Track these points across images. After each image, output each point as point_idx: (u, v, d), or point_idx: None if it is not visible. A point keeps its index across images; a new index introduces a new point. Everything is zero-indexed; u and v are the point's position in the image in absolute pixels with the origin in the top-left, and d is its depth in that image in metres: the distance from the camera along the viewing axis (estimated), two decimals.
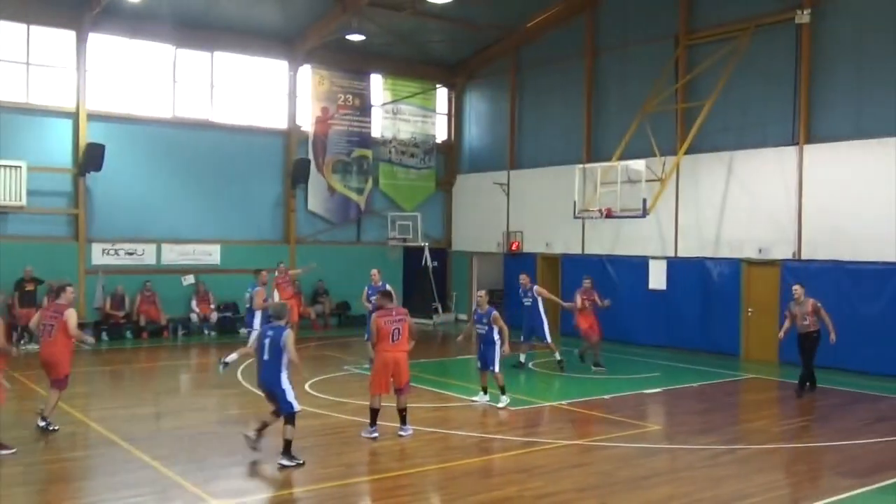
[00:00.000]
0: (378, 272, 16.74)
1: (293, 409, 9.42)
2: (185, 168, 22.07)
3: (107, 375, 16.64)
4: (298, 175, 23.31)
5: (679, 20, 20.26)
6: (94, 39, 20.65)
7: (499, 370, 12.65)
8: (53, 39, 20.29)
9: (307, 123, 24.02)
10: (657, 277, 20.26)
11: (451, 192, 27.04)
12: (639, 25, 21.46)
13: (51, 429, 10.81)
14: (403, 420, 10.80)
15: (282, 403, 9.44)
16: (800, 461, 10.07)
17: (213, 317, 21.72)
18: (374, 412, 10.60)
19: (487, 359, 12.74)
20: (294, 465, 9.25)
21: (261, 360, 9.60)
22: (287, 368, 9.49)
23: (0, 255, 18.91)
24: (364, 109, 24.88)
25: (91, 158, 19.99)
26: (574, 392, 14.58)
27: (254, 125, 23.26)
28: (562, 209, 21.00)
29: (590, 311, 16.74)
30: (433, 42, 24.68)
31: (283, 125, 23.72)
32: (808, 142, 17.73)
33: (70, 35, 20.35)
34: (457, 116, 27.08)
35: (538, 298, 16.52)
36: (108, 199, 20.88)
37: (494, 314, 12.67)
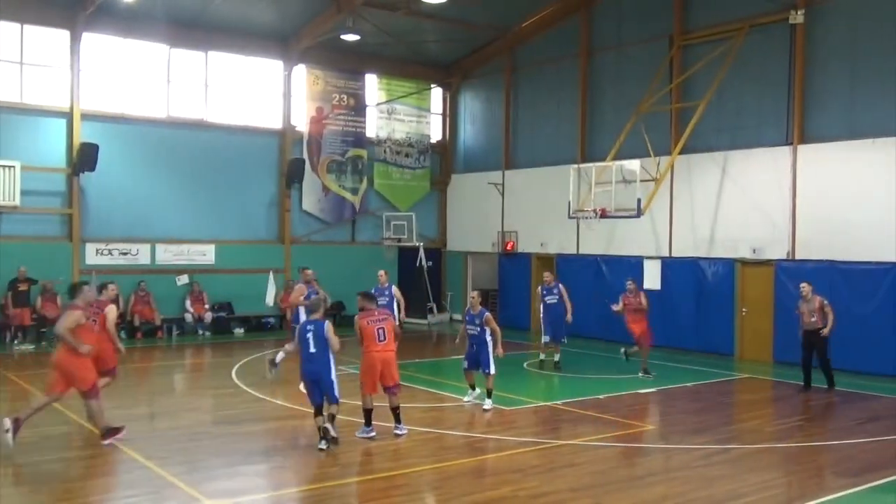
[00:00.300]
0: (385, 273, 16.73)
1: (339, 401, 10.27)
2: (180, 168, 22.04)
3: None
4: (293, 175, 23.30)
5: (673, 20, 20.30)
6: (88, 39, 20.60)
7: (493, 372, 12.57)
8: (47, 39, 20.25)
9: (302, 123, 24.01)
10: (652, 277, 20.27)
11: (446, 192, 27.05)
12: (633, 26, 21.50)
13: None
14: (397, 419, 10.81)
15: (331, 394, 10.12)
16: (793, 461, 10.09)
17: (208, 317, 21.70)
18: (368, 412, 10.62)
19: (480, 360, 12.61)
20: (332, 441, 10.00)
21: (307, 354, 10.12)
22: (334, 359, 10.12)
23: None
24: (359, 109, 24.87)
25: (85, 158, 19.95)
26: (568, 392, 14.59)
27: (248, 125, 23.24)
28: (556, 209, 21.03)
29: (640, 317, 15.82)
30: (428, 42, 24.69)
31: (278, 125, 23.70)
32: (802, 142, 17.78)
33: (64, 35, 20.32)
34: (451, 116, 27.09)
35: (564, 296, 16.39)
36: (103, 199, 20.85)
37: (487, 315, 12.60)
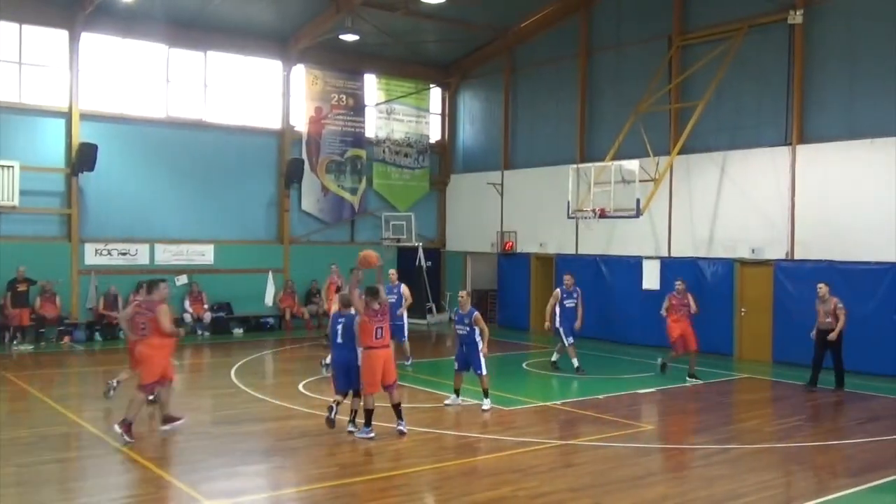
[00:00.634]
0: (395, 272, 16.79)
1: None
2: (179, 168, 22.02)
3: (100, 376, 16.56)
4: (292, 175, 23.29)
5: (673, 20, 20.31)
6: (87, 39, 20.59)
7: (485, 372, 12.51)
8: (46, 39, 20.23)
9: (301, 123, 24.00)
10: (651, 277, 20.28)
11: (445, 192, 27.04)
12: (632, 26, 21.50)
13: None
14: (400, 415, 10.82)
15: (356, 380, 10.87)
16: (793, 461, 10.09)
17: (207, 317, 21.68)
18: (370, 412, 10.61)
19: (471, 361, 12.50)
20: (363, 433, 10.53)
21: (335, 343, 11.06)
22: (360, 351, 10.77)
23: None
24: (358, 109, 24.86)
25: (84, 158, 19.94)
26: (568, 392, 14.62)
27: (247, 125, 23.23)
28: (556, 209, 21.03)
29: (683, 318, 15.40)
30: (427, 42, 24.68)
31: (277, 125, 23.69)
32: (801, 142, 17.79)
33: (63, 34, 20.31)
34: (451, 116, 27.08)
35: (580, 300, 16.34)
36: (101, 200, 20.84)
37: (476, 315, 12.47)
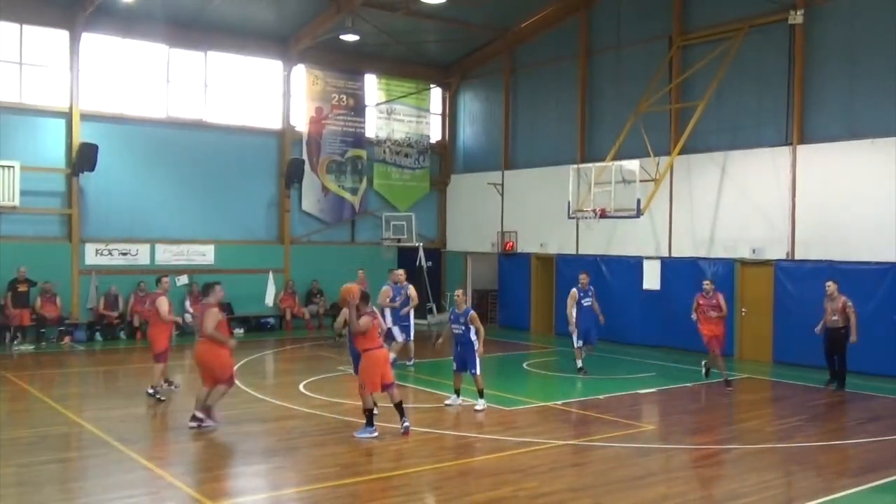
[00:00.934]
0: (403, 272, 16.86)
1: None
2: (179, 168, 22.02)
3: (101, 376, 16.60)
4: (292, 175, 23.29)
5: (673, 21, 20.30)
6: (88, 39, 20.59)
7: (479, 372, 12.49)
8: (46, 39, 20.23)
9: (301, 123, 23.99)
10: (651, 277, 20.28)
11: (446, 193, 27.03)
12: (633, 26, 21.48)
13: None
14: (402, 413, 10.85)
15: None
16: (793, 461, 10.08)
17: None
18: (370, 412, 10.62)
19: (467, 361, 12.52)
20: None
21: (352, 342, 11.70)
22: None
23: None
24: (358, 109, 24.86)
25: (84, 158, 19.94)
26: (568, 392, 14.61)
27: (248, 125, 23.23)
28: (556, 209, 21.02)
29: (715, 318, 14.91)
30: (427, 42, 24.68)
31: (278, 125, 23.69)
32: (802, 142, 17.79)
33: (63, 35, 20.31)
34: (451, 116, 27.08)
35: (594, 298, 16.32)
36: (102, 200, 20.84)
37: (472, 314, 12.46)
